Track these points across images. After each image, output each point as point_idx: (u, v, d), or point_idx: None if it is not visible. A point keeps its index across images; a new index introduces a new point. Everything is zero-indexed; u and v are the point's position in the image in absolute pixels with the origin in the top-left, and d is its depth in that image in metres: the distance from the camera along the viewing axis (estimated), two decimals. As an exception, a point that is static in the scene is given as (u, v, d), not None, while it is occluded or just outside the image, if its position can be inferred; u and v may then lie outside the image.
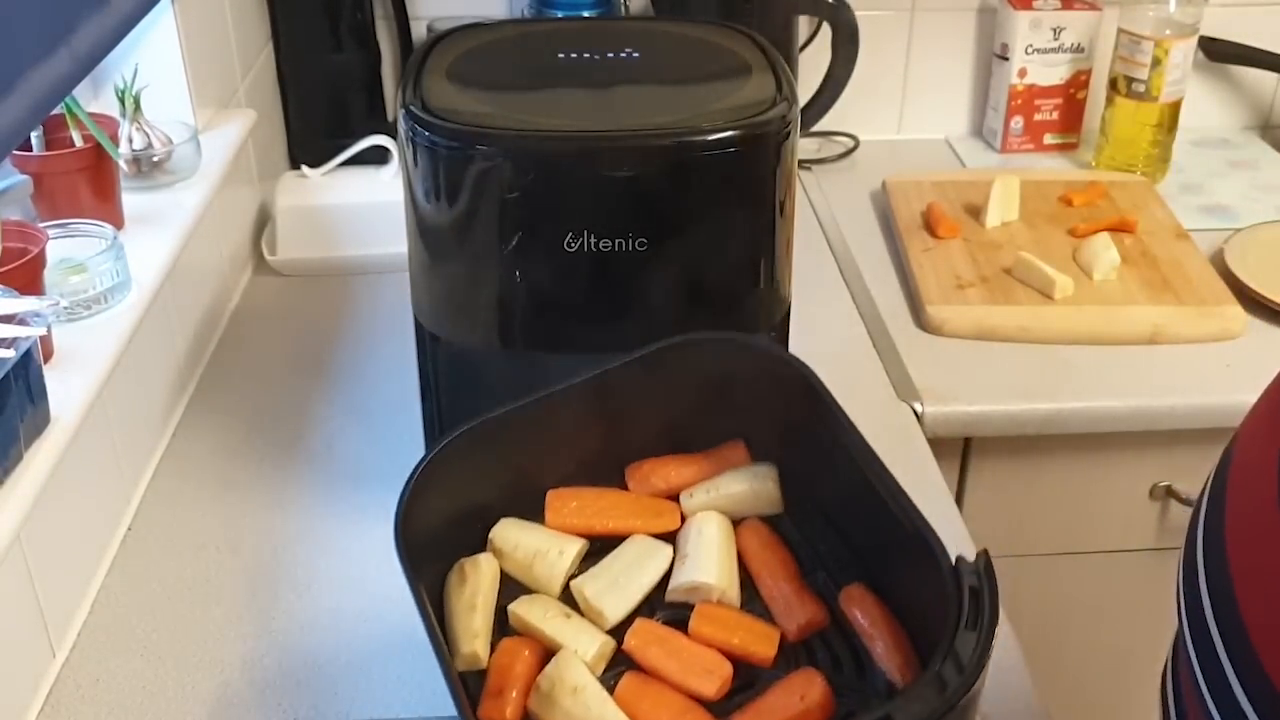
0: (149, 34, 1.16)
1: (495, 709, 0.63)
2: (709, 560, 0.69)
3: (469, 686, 0.65)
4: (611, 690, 0.64)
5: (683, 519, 0.74)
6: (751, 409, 0.77)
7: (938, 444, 1.11)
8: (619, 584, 0.69)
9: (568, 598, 0.70)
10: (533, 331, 0.89)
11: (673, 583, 0.70)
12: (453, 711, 0.80)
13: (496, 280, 0.86)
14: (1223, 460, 0.54)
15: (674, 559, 0.71)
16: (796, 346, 0.95)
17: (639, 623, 0.68)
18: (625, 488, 0.77)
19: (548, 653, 0.66)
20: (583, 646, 0.65)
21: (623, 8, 1.50)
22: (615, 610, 0.68)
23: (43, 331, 0.84)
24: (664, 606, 0.70)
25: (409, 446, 1.05)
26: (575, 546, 0.71)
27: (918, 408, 1.13)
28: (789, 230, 0.89)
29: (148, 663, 0.87)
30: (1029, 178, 1.47)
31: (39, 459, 0.82)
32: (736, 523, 0.74)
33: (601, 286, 0.84)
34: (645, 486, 0.76)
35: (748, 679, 0.66)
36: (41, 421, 0.84)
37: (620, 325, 0.87)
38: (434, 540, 0.70)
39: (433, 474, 0.69)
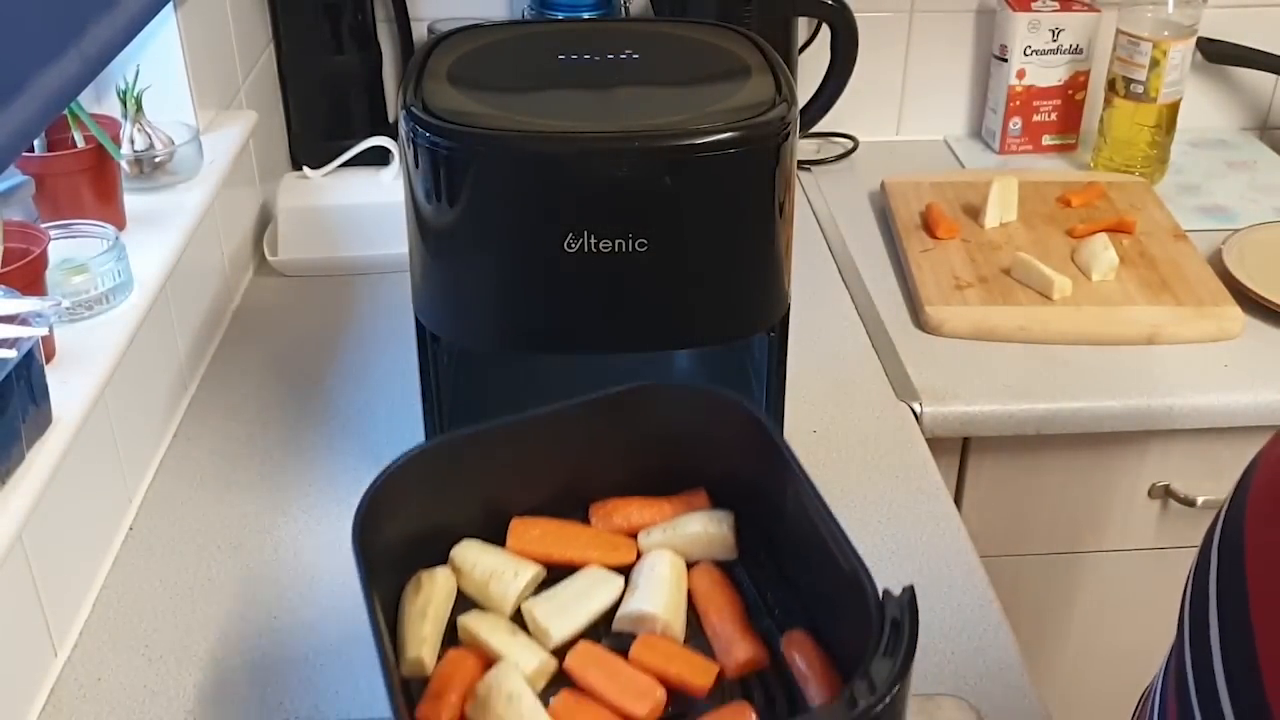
0: (151, 36, 1.16)
1: (433, 710, 0.65)
2: (657, 593, 0.71)
3: (413, 691, 0.66)
4: (547, 705, 0.65)
5: (639, 556, 0.75)
6: (714, 458, 0.78)
7: (936, 444, 1.12)
8: (568, 608, 0.71)
9: (519, 619, 0.71)
10: (533, 331, 0.89)
11: (620, 611, 0.71)
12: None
13: (496, 280, 0.86)
14: (1238, 492, 0.53)
15: (625, 591, 0.73)
16: (796, 347, 0.95)
17: (581, 644, 0.69)
18: (589, 523, 0.78)
19: (491, 665, 0.67)
20: (524, 660, 0.67)
21: (622, 9, 1.50)
22: (560, 631, 0.70)
23: (44, 332, 0.84)
24: (609, 634, 0.71)
25: (410, 447, 1.05)
26: (531, 571, 0.73)
27: (916, 408, 1.13)
28: (788, 231, 0.89)
29: (149, 662, 0.87)
30: (1027, 178, 1.47)
31: (41, 459, 0.82)
32: (691, 565, 0.75)
33: (601, 287, 0.85)
34: (607, 523, 0.77)
35: (681, 708, 0.67)
36: (43, 421, 0.84)
37: (620, 326, 0.88)
38: (397, 553, 0.72)
39: (397, 483, 0.70)
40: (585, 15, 1.45)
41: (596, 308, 0.86)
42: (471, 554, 0.74)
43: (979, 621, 0.91)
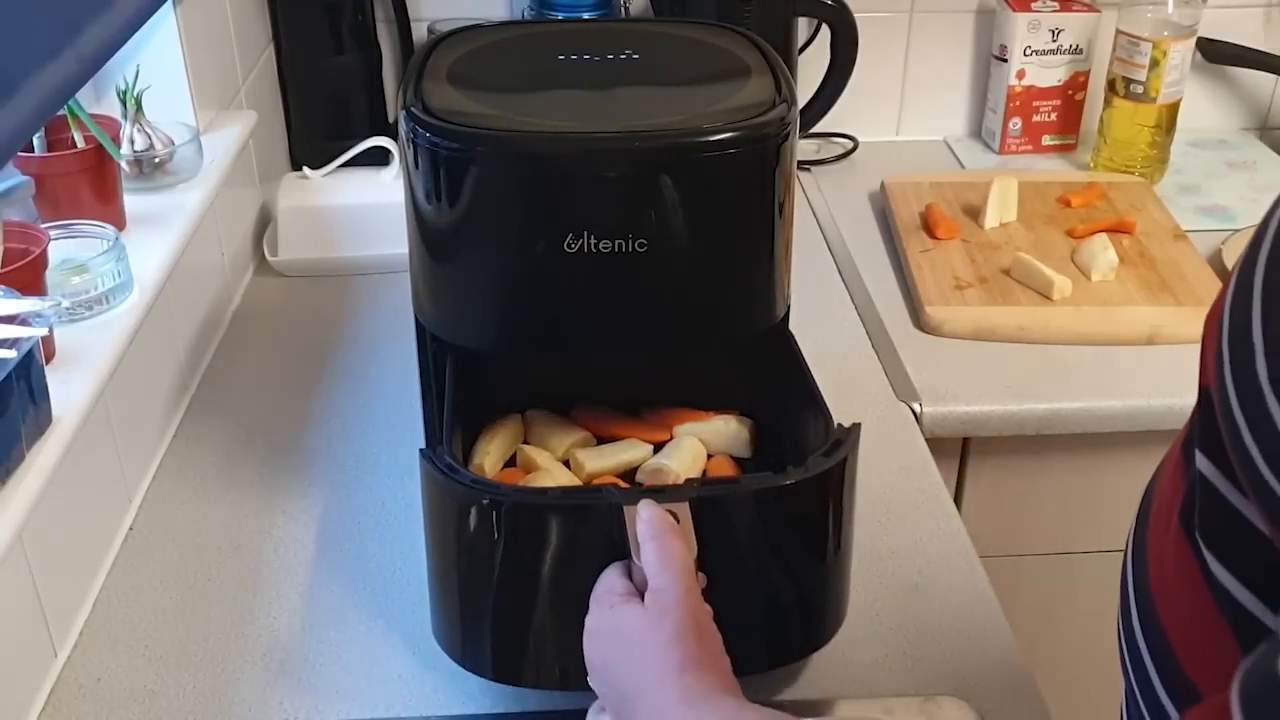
0: (151, 35, 1.16)
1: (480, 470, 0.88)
2: (675, 456, 0.92)
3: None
4: None
5: (671, 439, 0.95)
6: (753, 384, 0.95)
7: (936, 444, 1.12)
8: (603, 454, 0.94)
9: (566, 466, 0.92)
10: (533, 331, 0.89)
11: (644, 465, 0.91)
12: (453, 710, 0.83)
13: (497, 280, 0.86)
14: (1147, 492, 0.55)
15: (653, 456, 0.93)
16: (796, 347, 0.95)
17: (605, 476, 0.90)
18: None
19: None
20: (559, 476, 0.89)
21: (622, 9, 1.50)
22: (593, 465, 0.92)
23: (44, 332, 0.84)
24: (632, 484, 0.89)
25: (409, 447, 1.05)
26: (584, 433, 0.96)
27: (916, 408, 1.13)
28: (788, 231, 0.89)
29: (149, 662, 0.87)
30: (1027, 179, 1.47)
31: (41, 459, 0.82)
32: (713, 456, 0.94)
33: (601, 287, 0.85)
34: (654, 419, 0.98)
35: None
36: (43, 422, 0.84)
37: (620, 326, 0.88)
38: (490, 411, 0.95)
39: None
40: (585, 15, 1.45)
41: (597, 308, 0.86)
42: (541, 416, 0.98)
43: (979, 621, 0.91)
